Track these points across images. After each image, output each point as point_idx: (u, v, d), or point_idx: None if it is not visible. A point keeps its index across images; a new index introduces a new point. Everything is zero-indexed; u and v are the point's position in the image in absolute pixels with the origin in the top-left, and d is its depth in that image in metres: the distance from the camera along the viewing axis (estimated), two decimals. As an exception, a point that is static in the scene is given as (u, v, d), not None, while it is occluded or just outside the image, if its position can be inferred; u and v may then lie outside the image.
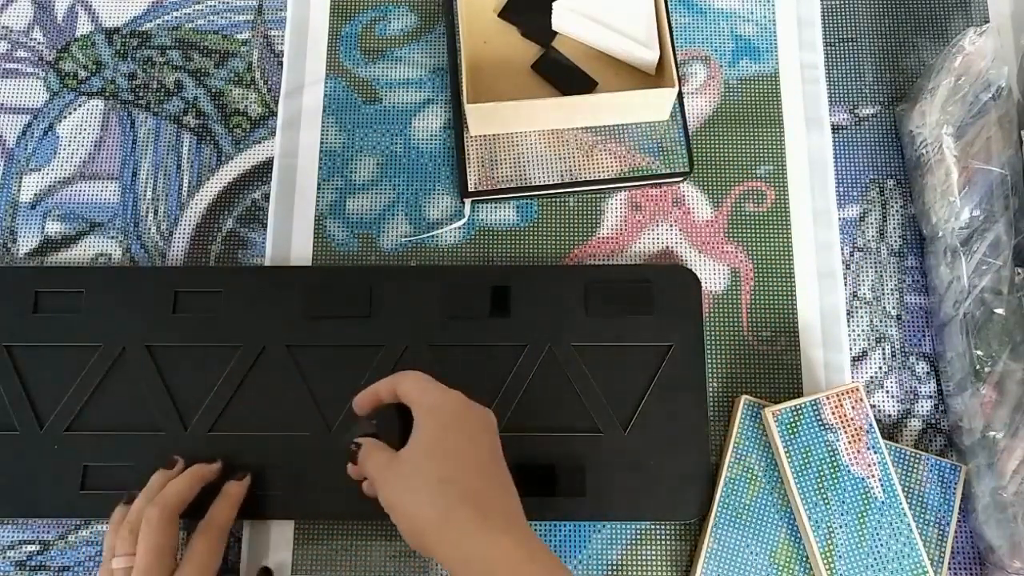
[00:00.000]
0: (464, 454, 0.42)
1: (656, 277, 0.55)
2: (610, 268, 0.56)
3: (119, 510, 0.49)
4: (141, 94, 0.62)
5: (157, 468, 0.51)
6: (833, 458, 0.50)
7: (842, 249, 0.58)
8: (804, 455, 0.50)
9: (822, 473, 0.50)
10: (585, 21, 0.59)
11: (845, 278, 0.57)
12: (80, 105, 0.62)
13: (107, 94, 0.62)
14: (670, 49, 0.56)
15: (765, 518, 0.51)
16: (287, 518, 0.53)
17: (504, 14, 0.61)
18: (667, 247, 0.58)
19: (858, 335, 0.56)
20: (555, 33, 0.61)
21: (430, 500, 0.40)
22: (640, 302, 0.54)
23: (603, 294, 0.54)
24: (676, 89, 0.56)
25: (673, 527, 0.52)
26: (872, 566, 0.49)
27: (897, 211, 0.59)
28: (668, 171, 0.58)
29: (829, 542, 0.49)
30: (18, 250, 0.59)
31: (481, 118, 0.58)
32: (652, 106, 0.58)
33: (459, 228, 0.58)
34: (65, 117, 0.61)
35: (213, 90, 0.62)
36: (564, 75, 0.60)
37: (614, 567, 0.52)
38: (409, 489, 0.41)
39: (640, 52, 0.58)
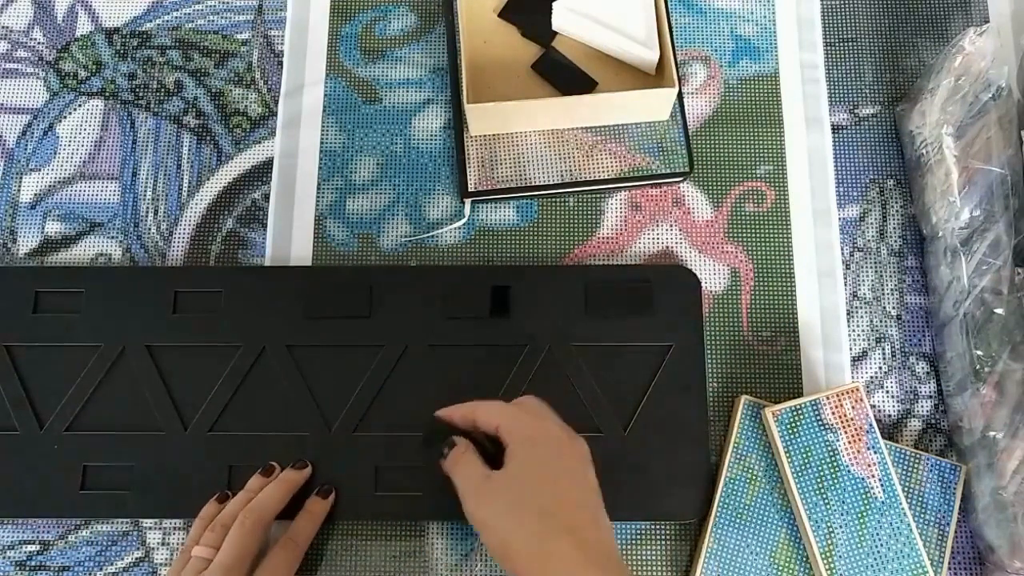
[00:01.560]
0: (564, 487, 0.42)
1: (656, 277, 0.55)
2: (610, 268, 0.56)
3: (211, 506, 0.50)
4: (141, 94, 0.62)
5: (157, 468, 0.51)
6: (833, 458, 0.50)
7: (842, 249, 0.58)
8: (804, 455, 0.50)
9: (822, 473, 0.50)
10: (585, 21, 0.59)
11: (845, 278, 0.57)
12: (80, 105, 0.62)
13: (107, 94, 0.62)
14: (670, 49, 0.56)
15: (765, 518, 0.51)
16: (287, 518, 0.53)
17: (504, 14, 0.61)
18: (667, 247, 0.58)
19: (858, 335, 0.56)
20: (555, 33, 0.61)
21: (529, 530, 0.40)
22: (640, 302, 0.54)
23: (603, 294, 0.54)
24: (676, 89, 0.56)
25: (673, 527, 0.52)
26: (872, 566, 0.49)
27: (897, 211, 0.59)
28: (668, 171, 0.58)
29: (829, 542, 0.49)
30: (18, 250, 0.59)
31: (481, 118, 0.58)
32: (652, 106, 0.58)
33: (459, 228, 0.58)
34: (65, 117, 0.61)
35: (213, 90, 0.62)
36: (564, 75, 0.60)
37: (614, 567, 0.52)
38: (507, 514, 0.41)
39: (640, 52, 0.58)
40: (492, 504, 0.42)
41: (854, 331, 0.56)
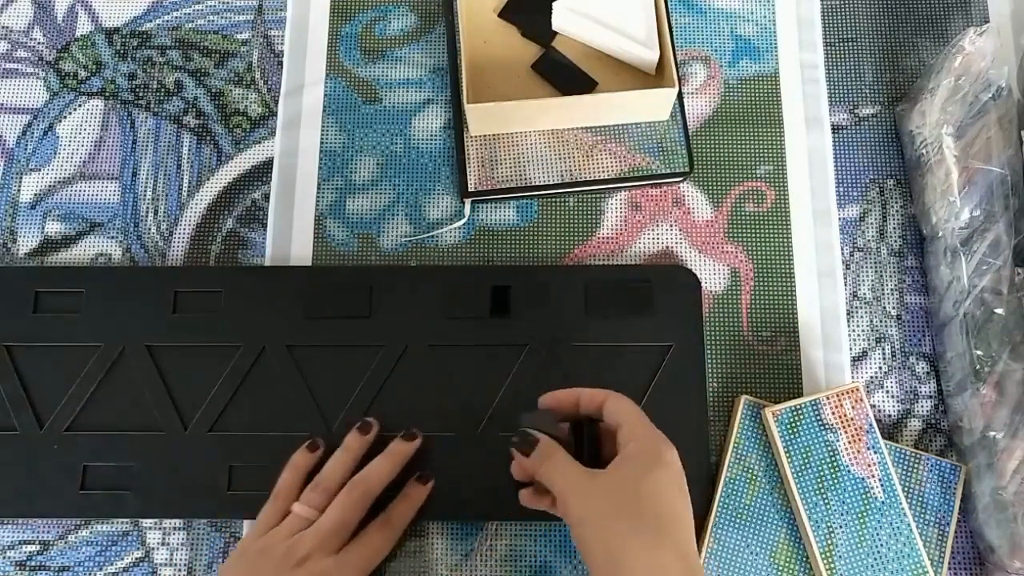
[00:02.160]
0: (673, 498, 0.41)
1: (656, 277, 0.55)
2: (610, 268, 0.56)
3: (303, 455, 0.50)
4: (141, 94, 0.62)
5: (156, 468, 0.52)
6: (833, 458, 0.50)
7: (842, 249, 0.58)
8: (804, 455, 0.50)
9: (822, 473, 0.50)
10: (585, 21, 0.59)
11: (845, 278, 0.57)
12: (80, 105, 0.62)
13: (107, 94, 0.62)
14: (670, 49, 0.56)
15: (765, 518, 0.51)
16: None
17: (504, 14, 0.61)
18: (667, 247, 0.58)
19: (858, 335, 0.56)
20: (555, 33, 0.61)
21: (643, 540, 0.39)
22: (640, 302, 0.54)
23: (603, 294, 0.54)
24: (676, 89, 0.56)
25: (673, 527, 0.52)
26: (872, 566, 0.49)
27: (897, 211, 0.59)
28: (668, 171, 0.58)
29: (829, 542, 0.49)
30: (18, 250, 0.59)
31: (481, 118, 0.58)
32: (652, 106, 0.58)
33: (459, 228, 0.58)
34: (65, 117, 0.61)
35: (213, 90, 0.62)
36: (564, 75, 0.60)
37: (614, 567, 0.52)
38: (617, 518, 0.40)
39: (640, 52, 0.58)
40: (602, 505, 0.40)
41: (854, 331, 0.56)
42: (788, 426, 0.51)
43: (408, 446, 0.50)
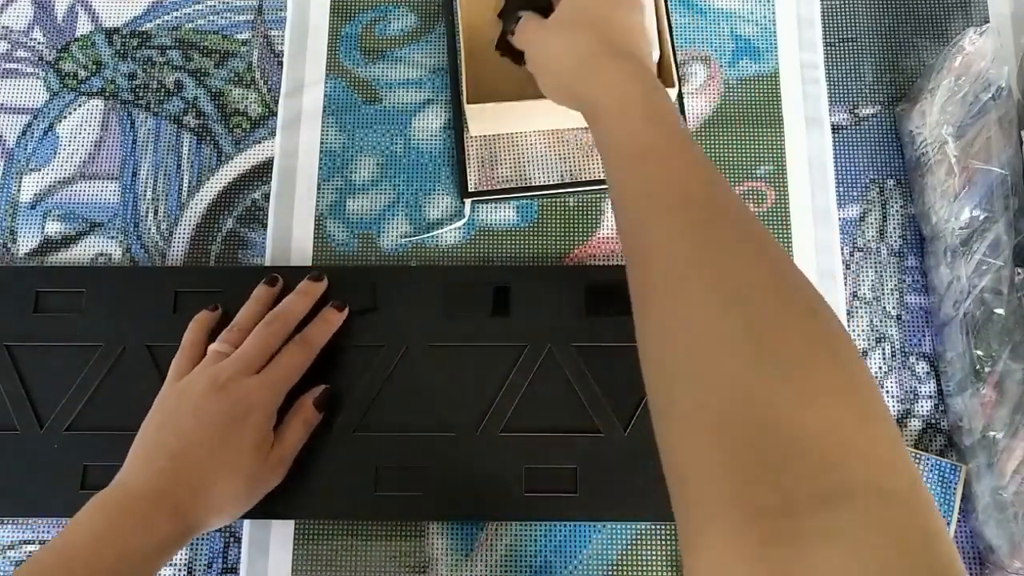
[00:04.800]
0: (626, 16, 0.47)
1: (656, 277, 0.55)
2: (610, 268, 0.56)
3: (204, 313, 0.52)
4: (141, 94, 0.62)
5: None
6: (833, 458, 0.50)
7: (842, 249, 0.58)
8: (804, 455, 0.50)
9: (822, 473, 0.50)
10: None
11: (845, 278, 0.57)
12: (80, 105, 0.62)
13: (107, 94, 0.62)
14: (670, 49, 0.56)
15: (765, 518, 0.51)
16: (288, 518, 0.53)
17: (503, 14, 0.61)
18: (667, 247, 0.58)
19: (858, 335, 0.56)
20: None
21: (568, 48, 0.46)
22: (640, 302, 0.54)
23: (603, 294, 0.54)
24: (676, 89, 0.56)
25: (673, 527, 0.52)
26: (872, 566, 0.49)
27: (897, 211, 0.59)
28: (668, 171, 0.58)
29: (829, 542, 0.49)
30: (18, 250, 0.59)
31: (481, 118, 0.58)
32: None
33: (459, 228, 0.58)
34: (65, 117, 0.61)
35: (213, 90, 0.62)
36: None
37: (614, 567, 0.52)
38: (552, 44, 0.47)
39: None
40: (543, 40, 0.49)
41: (854, 331, 0.56)
42: (788, 426, 0.51)
43: (316, 286, 0.53)
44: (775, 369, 0.30)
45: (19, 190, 0.60)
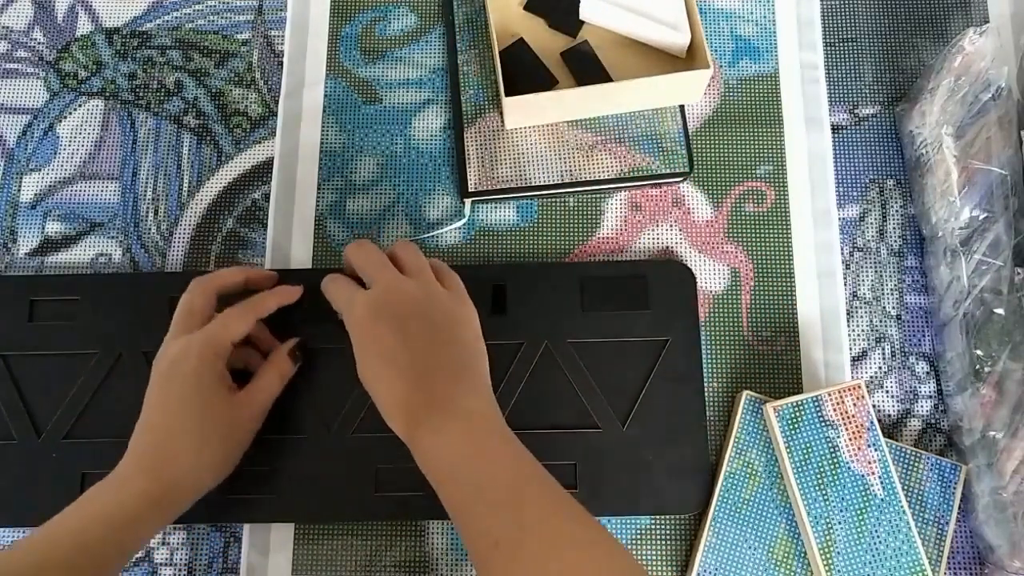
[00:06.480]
0: (400, 349, 0.45)
1: (651, 272, 0.55)
2: (605, 264, 0.56)
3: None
4: (141, 94, 0.62)
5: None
6: (833, 454, 0.50)
7: (842, 249, 0.58)
8: (804, 451, 0.50)
9: (822, 469, 0.50)
10: (613, 9, 0.58)
11: (845, 278, 0.57)
12: (80, 105, 0.62)
13: (107, 94, 0.62)
14: (701, 31, 0.56)
15: (764, 513, 0.51)
16: (287, 521, 0.53)
17: (530, 7, 0.61)
18: (667, 247, 0.58)
19: (858, 335, 0.56)
20: (582, 23, 0.61)
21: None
22: (636, 297, 0.54)
23: (599, 290, 0.54)
24: (711, 71, 0.56)
25: (672, 527, 0.52)
26: (870, 563, 0.49)
27: (897, 211, 0.59)
28: (668, 171, 0.59)
29: (828, 538, 0.49)
30: (18, 250, 0.59)
31: (517, 111, 0.57)
32: (686, 89, 0.58)
33: (459, 228, 0.58)
34: (65, 117, 0.61)
35: (213, 90, 0.62)
36: (586, 68, 0.60)
37: (614, 567, 0.52)
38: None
39: (671, 36, 0.58)
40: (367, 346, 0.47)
41: (854, 331, 0.56)
42: (789, 422, 0.51)
43: (256, 271, 0.53)
44: None
45: (19, 190, 0.60)
